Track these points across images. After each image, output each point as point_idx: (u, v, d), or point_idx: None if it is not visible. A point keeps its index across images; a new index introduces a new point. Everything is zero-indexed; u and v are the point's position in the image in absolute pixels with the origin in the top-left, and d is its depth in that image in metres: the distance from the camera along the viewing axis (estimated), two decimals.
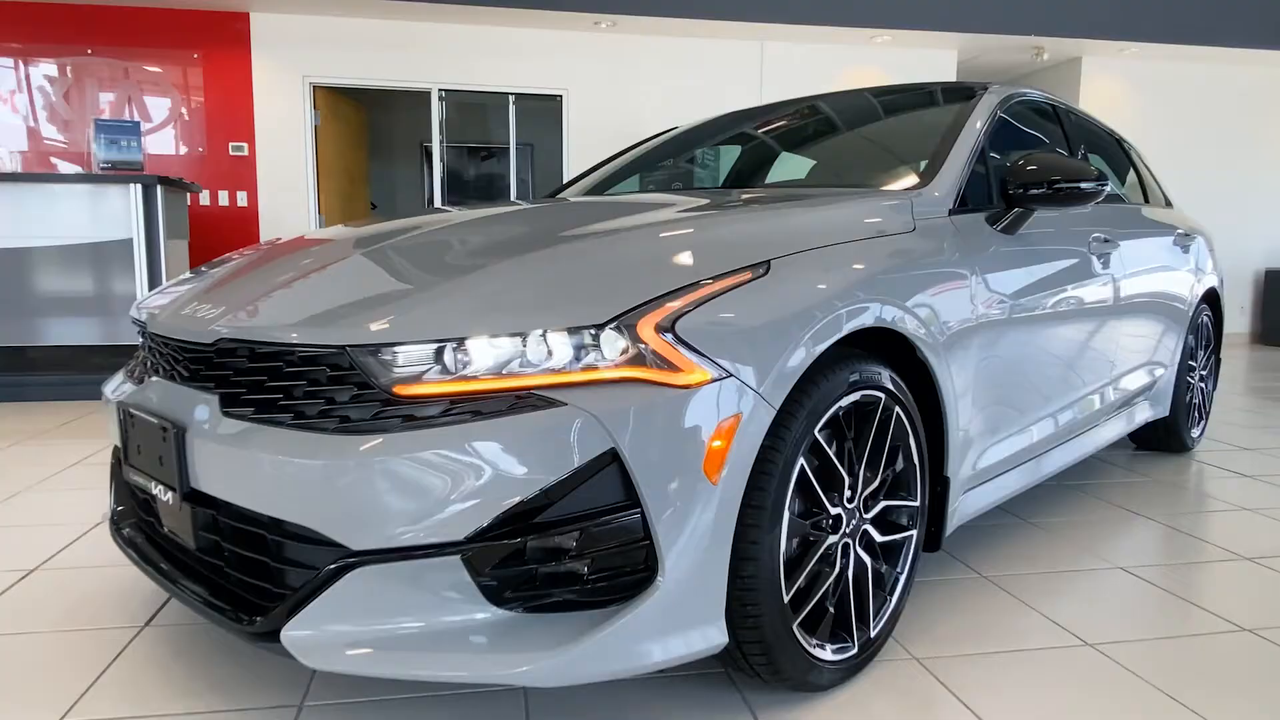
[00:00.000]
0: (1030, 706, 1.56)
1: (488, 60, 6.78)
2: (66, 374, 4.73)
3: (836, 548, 1.57)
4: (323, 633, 1.27)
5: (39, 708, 1.52)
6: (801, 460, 1.45)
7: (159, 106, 6.43)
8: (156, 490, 1.53)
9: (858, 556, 1.62)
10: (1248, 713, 1.55)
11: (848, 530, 1.59)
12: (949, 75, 7.44)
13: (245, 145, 6.53)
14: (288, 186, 6.64)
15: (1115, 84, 7.90)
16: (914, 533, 1.76)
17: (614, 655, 1.26)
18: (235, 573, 1.43)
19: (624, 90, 7.01)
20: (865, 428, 1.61)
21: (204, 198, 6.50)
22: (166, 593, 2.01)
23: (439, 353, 1.28)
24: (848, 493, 1.58)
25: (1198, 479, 3.19)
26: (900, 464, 1.71)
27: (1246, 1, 7.26)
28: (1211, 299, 3.61)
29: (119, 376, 1.89)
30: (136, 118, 6.33)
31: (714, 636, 1.35)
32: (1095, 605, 2.02)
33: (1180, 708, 1.56)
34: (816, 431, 1.48)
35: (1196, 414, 3.60)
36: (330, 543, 1.26)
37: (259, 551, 1.38)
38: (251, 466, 1.31)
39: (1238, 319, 8.51)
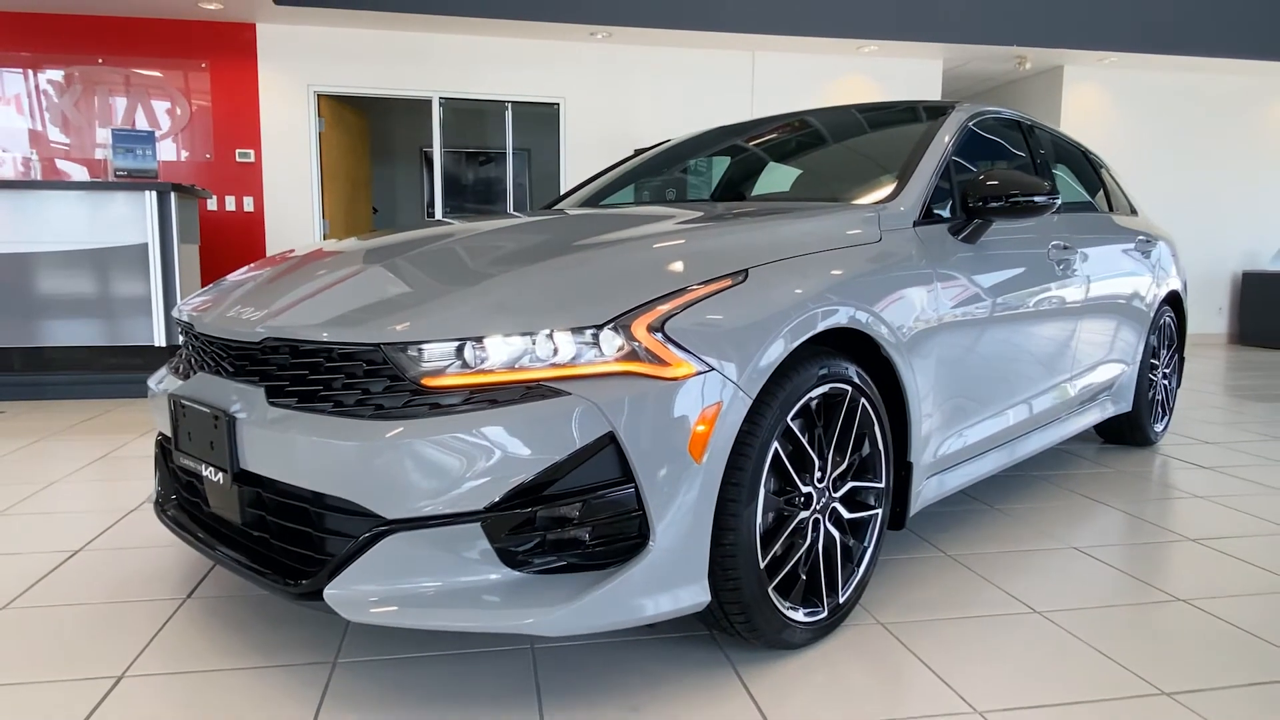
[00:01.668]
0: (980, 663, 1.76)
1: (487, 69, 6.99)
2: (83, 373, 4.92)
3: (808, 522, 1.77)
4: (360, 591, 1.47)
5: (102, 664, 1.72)
6: (775, 444, 1.65)
7: (168, 114, 6.62)
8: (207, 472, 1.73)
9: (827, 531, 1.83)
10: (1170, 667, 1.76)
11: (818, 507, 1.80)
12: (935, 83, 7.67)
13: (251, 152, 6.72)
14: (293, 191, 6.84)
15: (1096, 92, 8.13)
16: (879, 511, 1.96)
17: (611, 609, 1.46)
18: (279, 542, 1.63)
19: (619, 99, 7.22)
20: (834, 416, 1.82)
21: (211, 203, 6.69)
22: (213, 562, 2.23)
23: (460, 349, 1.48)
24: (818, 474, 1.79)
25: (1157, 470, 3.41)
26: (866, 449, 1.92)
27: (1221, 13, 7.50)
28: (1174, 301, 3.82)
29: (163, 371, 2.09)
30: (149, 126, 6.52)
31: (698, 594, 1.55)
32: (1047, 579, 2.22)
33: (1111, 664, 1.77)
34: (789, 419, 1.68)
35: (1160, 410, 3.81)
36: (367, 513, 1.46)
37: (302, 523, 1.58)
38: (297, 448, 1.51)
39: (1216, 320, 8.76)
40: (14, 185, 4.79)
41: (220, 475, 1.68)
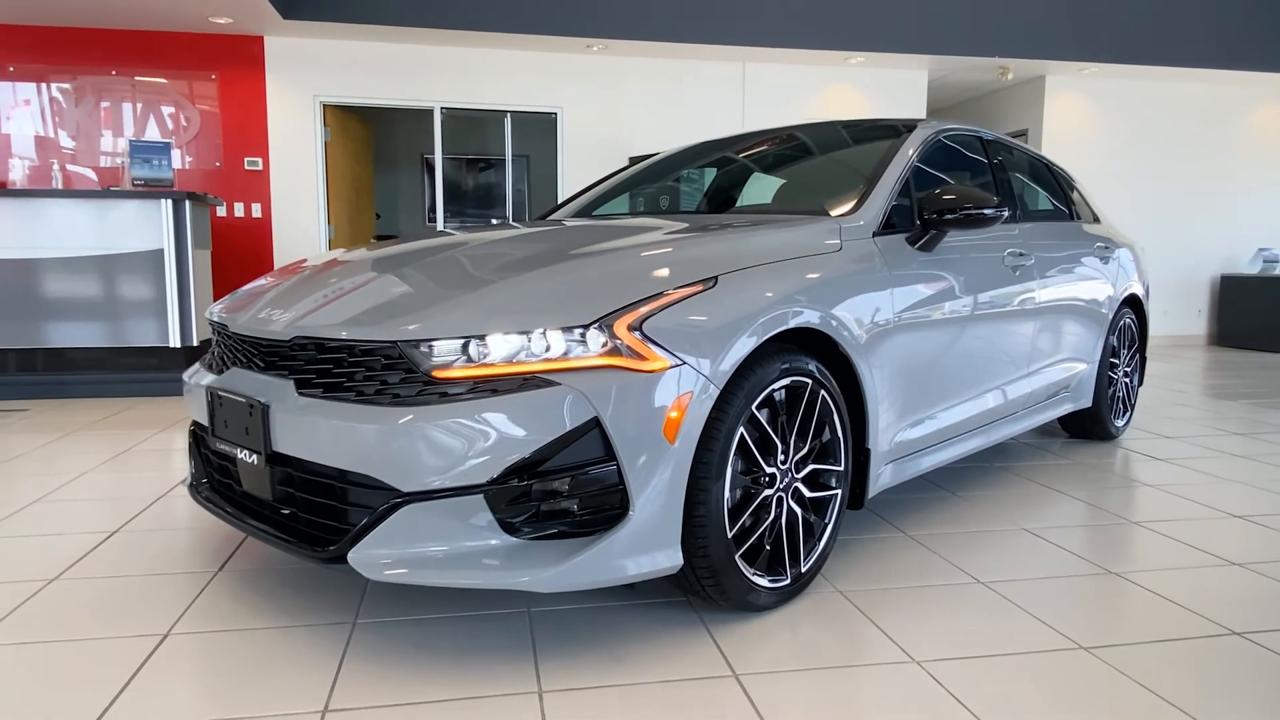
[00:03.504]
0: (923, 624, 1.99)
1: (487, 80, 7.23)
2: (102, 373, 5.15)
3: (772, 499, 2.00)
4: (379, 554, 1.70)
5: (149, 623, 1.95)
6: (742, 429, 1.89)
7: (178, 124, 6.86)
8: (241, 455, 1.96)
9: (790, 507, 2.06)
10: (1091, 627, 1.99)
11: (781, 486, 2.03)
12: (920, 93, 7.91)
13: (259, 160, 6.96)
14: (299, 198, 7.07)
15: (1077, 100, 8.38)
16: (839, 492, 2.20)
17: (596, 569, 1.69)
18: (307, 515, 1.86)
19: (615, 108, 7.47)
20: (795, 406, 2.05)
21: (220, 209, 6.93)
22: (241, 539, 2.48)
23: (465, 346, 1.71)
24: (781, 457, 2.02)
25: (1115, 462, 3.64)
26: (827, 436, 2.15)
27: (1196, 25, 7.75)
28: (1134, 303, 4.06)
29: (196, 367, 2.32)
30: (160, 135, 6.76)
31: (672, 558, 1.78)
32: (995, 556, 2.46)
33: (1039, 624, 2.00)
34: (754, 408, 1.91)
35: (1121, 406, 4.04)
36: (385, 487, 1.70)
37: (328, 497, 1.81)
38: (325, 432, 1.74)
39: (1195, 322, 9.00)
40: (36, 194, 5.02)
41: (254, 457, 1.91)
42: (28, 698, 1.63)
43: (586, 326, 1.73)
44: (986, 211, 2.49)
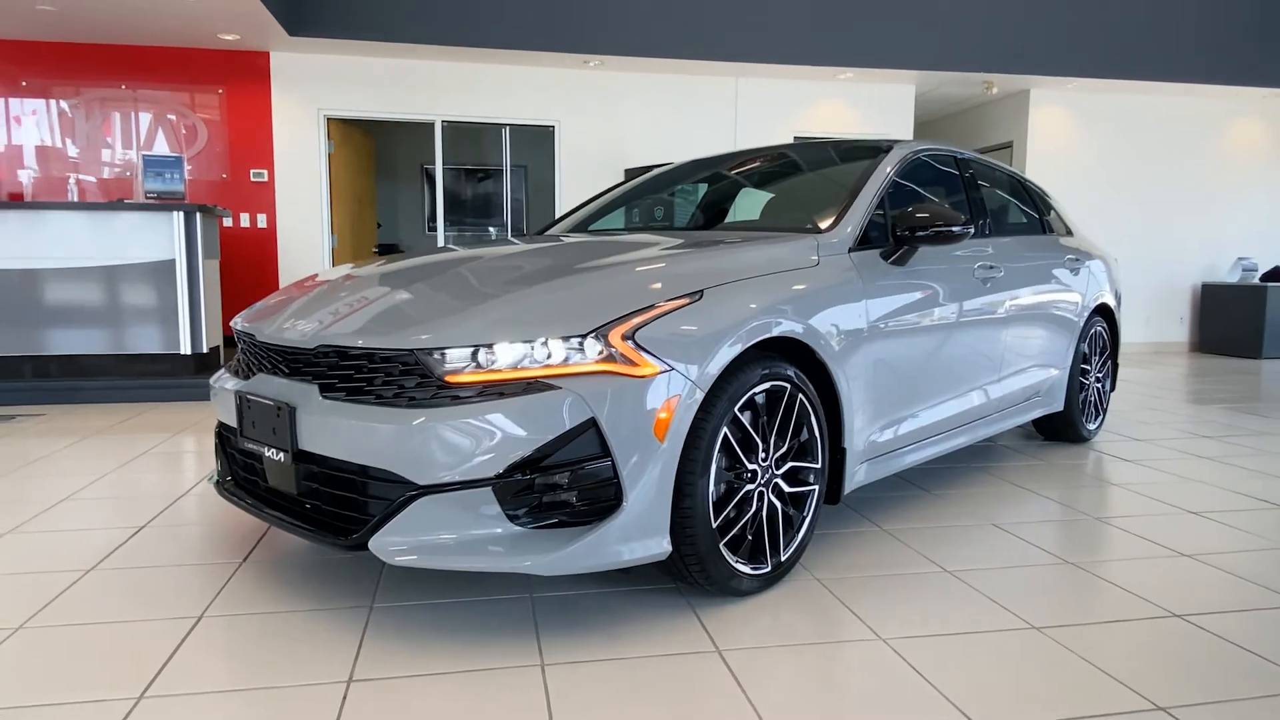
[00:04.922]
0: (891, 607, 2.18)
1: (486, 94, 7.44)
2: (114, 379, 5.32)
3: (754, 493, 2.19)
4: (397, 541, 1.88)
5: (184, 608, 2.13)
6: (725, 429, 2.07)
7: (187, 136, 7.05)
8: (268, 453, 2.14)
9: (770, 501, 2.25)
10: (1044, 609, 2.18)
11: (762, 481, 2.22)
12: (908, 107, 8.14)
13: (265, 172, 7.16)
14: (303, 209, 7.27)
15: (1061, 114, 8.61)
16: (816, 487, 2.39)
17: (593, 554, 1.88)
18: (330, 507, 2.05)
19: (611, 121, 7.68)
20: (775, 408, 2.24)
21: (226, 219, 7.11)
22: (263, 532, 2.66)
23: (475, 353, 1.90)
24: (762, 454, 2.21)
25: (1086, 463, 3.83)
26: (804, 435, 2.34)
27: (1176, 41, 7.99)
28: (1105, 312, 4.26)
29: (222, 372, 2.51)
30: (169, 148, 6.95)
31: (662, 545, 1.97)
32: (963, 548, 2.65)
33: (997, 606, 2.19)
34: (737, 409, 2.10)
35: (1093, 410, 4.24)
36: (402, 481, 1.88)
37: (349, 490, 2.00)
38: (347, 431, 1.93)
39: (1177, 329, 9.22)
40: (52, 207, 5.20)
41: (281, 455, 2.09)
42: (83, 671, 1.81)
43: (584, 336, 1.91)
44: (955, 228, 2.69)
